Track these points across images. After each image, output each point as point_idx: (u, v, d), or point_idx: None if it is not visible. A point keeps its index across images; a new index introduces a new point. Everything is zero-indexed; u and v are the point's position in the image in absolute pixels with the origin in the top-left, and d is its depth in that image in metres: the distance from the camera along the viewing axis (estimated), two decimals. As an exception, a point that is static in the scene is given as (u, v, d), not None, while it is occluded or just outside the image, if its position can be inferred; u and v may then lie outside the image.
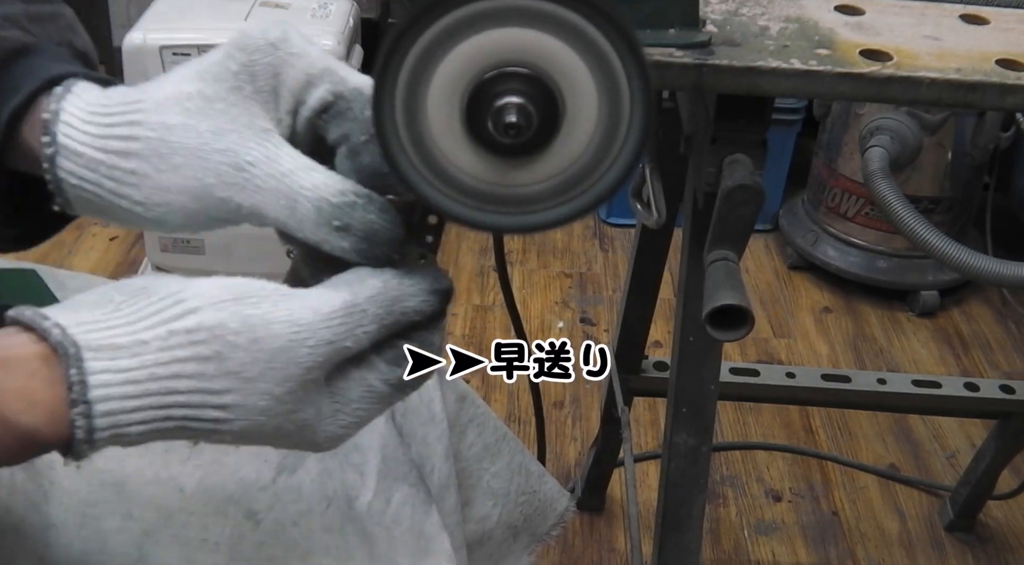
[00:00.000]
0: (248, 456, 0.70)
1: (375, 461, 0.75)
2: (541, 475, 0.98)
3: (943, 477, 1.84)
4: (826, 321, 2.23)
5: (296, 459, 0.71)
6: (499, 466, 0.92)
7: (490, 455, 0.91)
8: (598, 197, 0.52)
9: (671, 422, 0.97)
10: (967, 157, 2.11)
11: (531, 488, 0.96)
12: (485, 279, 2.27)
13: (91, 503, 0.65)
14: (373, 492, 0.73)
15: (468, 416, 0.89)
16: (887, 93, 0.77)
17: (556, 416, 1.92)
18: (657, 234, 1.28)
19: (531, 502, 0.96)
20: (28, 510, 0.63)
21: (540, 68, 0.48)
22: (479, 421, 0.90)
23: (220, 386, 0.47)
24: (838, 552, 1.70)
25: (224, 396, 0.47)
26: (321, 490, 0.71)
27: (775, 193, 2.40)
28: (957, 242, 1.71)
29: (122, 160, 0.52)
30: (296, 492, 0.70)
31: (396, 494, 0.74)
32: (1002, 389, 1.51)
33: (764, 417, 1.95)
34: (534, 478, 0.96)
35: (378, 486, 0.74)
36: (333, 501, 0.71)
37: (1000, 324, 2.25)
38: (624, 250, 2.41)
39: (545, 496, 0.98)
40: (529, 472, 0.96)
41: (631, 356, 1.46)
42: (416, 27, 0.48)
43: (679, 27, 0.76)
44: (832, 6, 0.85)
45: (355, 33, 2.06)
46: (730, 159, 0.81)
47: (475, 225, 0.52)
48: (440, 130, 0.50)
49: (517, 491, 0.94)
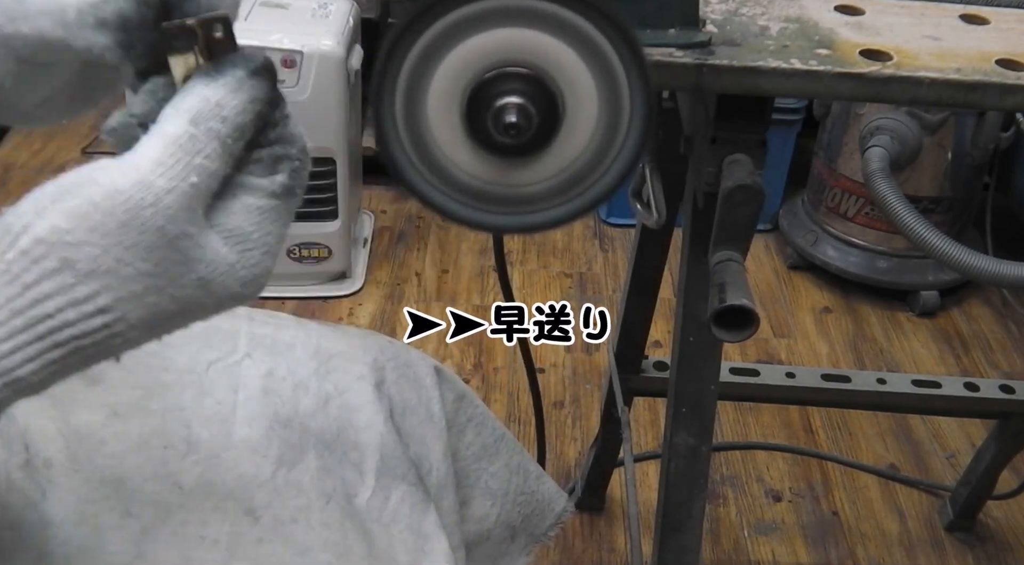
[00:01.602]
0: (247, 451, 0.70)
1: (373, 459, 0.75)
2: (539, 476, 0.98)
3: (943, 477, 1.84)
4: (826, 321, 2.23)
5: (295, 454, 0.72)
6: (497, 466, 0.92)
7: (488, 455, 0.91)
8: (598, 197, 0.52)
9: (671, 422, 0.97)
10: (967, 157, 2.11)
11: (529, 488, 0.96)
12: (485, 279, 2.27)
13: (89, 501, 0.65)
14: (372, 490, 0.73)
15: (467, 416, 0.89)
16: (887, 93, 0.77)
17: (556, 416, 1.92)
18: (657, 234, 1.28)
19: (529, 502, 0.96)
20: (25, 508, 0.63)
21: (540, 68, 0.49)
22: (478, 421, 0.90)
23: (86, 291, 0.43)
24: (838, 552, 1.70)
25: (97, 299, 0.43)
26: (320, 486, 0.71)
27: (775, 193, 2.40)
28: (957, 242, 1.71)
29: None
30: (295, 488, 0.70)
31: (394, 492, 0.74)
32: (1002, 389, 1.51)
33: (764, 417, 1.95)
34: (532, 478, 0.97)
35: (376, 484, 0.74)
36: (332, 497, 0.71)
37: (1000, 324, 2.25)
38: (624, 250, 2.41)
39: (543, 496, 0.98)
40: (527, 472, 0.96)
41: (631, 356, 1.46)
42: (416, 27, 0.48)
43: (679, 27, 0.76)
44: (832, 6, 0.85)
45: (355, 33, 2.06)
46: (730, 159, 0.81)
47: (475, 225, 0.52)
48: (440, 130, 0.50)
49: (515, 491, 0.94)
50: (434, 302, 2.20)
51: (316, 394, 0.76)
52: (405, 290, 2.23)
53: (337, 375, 0.78)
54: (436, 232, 2.41)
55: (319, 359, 0.79)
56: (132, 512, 0.65)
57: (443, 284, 2.25)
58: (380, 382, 0.80)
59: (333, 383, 0.78)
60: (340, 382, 0.78)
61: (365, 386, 0.79)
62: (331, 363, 0.79)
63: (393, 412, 0.79)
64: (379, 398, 0.79)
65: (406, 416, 0.80)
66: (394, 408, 0.80)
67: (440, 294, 2.23)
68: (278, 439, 0.72)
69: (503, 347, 2.08)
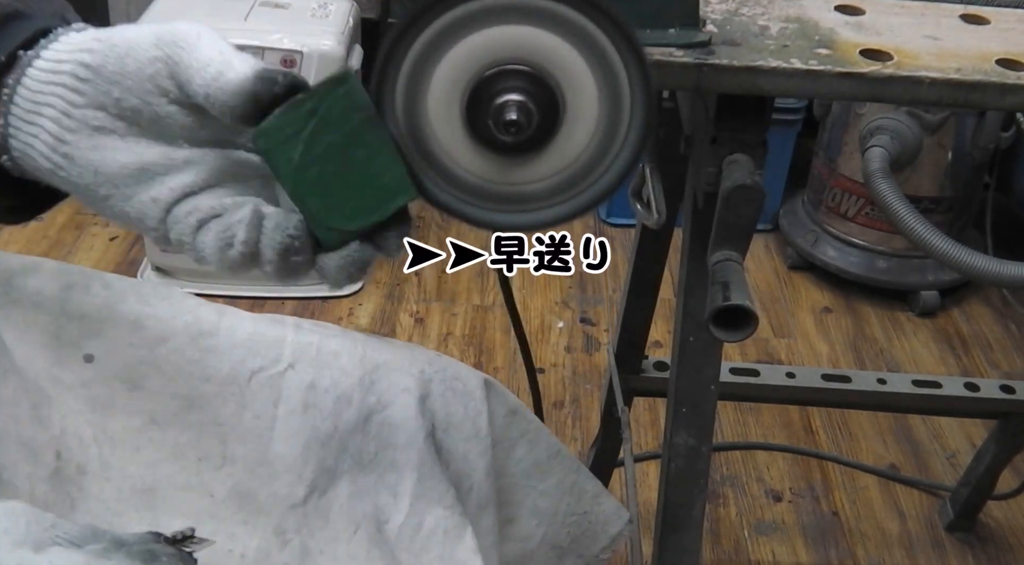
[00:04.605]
0: (282, 469, 0.70)
1: (410, 481, 0.74)
2: (596, 495, 0.95)
3: (943, 477, 1.84)
4: (826, 321, 2.23)
5: (328, 479, 0.71)
6: (548, 484, 0.89)
7: (540, 472, 0.88)
8: (598, 196, 0.52)
9: (671, 422, 0.97)
10: (967, 157, 2.11)
11: (582, 509, 0.93)
12: (485, 279, 2.27)
13: (118, 511, 0.65)
14: (405, 514, 0.72)
15: (519, 431, 0.86)
16: (887, 93, 0.77)
17: (556, 416, 1.92)
18: (657, 234, 1.28)
19: (580, 523, 0.93)
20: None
21: (541, 66, 0.49)
22: (531, 437, 0.87)
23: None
24: (838, 552, 1.70)
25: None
26: (350, 514, 0.70)
27: (775, 193, 2.40)
28: (957, 242, 1.70)
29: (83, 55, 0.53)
30: (324, 517, 0.69)
31: (428, 517, 0.73)
32: (1002, 389, 1.51)
33: (764, 417, 1.95)
34: (587, 498, 0.93)
35: (411, 508, 0.73)
36: (361, 525, 0.70)
37: (1000, 324, 2.25)
38: (624, 250, 2.41)
39: (597, 517, 0.95)
40: (582, 492, 0.93)
41: (631, 356, 1.46)
42: (417, 25, 0.48)
43: (679, 27, 0.76)
44: (832, 6, 0.85)
45: (355, 33, 2.06)
46: (730, 159, 0.81)
47: (475, 222, 0.52)
48: (441, 128, 0.50)
49: (566, 511, 0.91)
50: (434, 302, 2.20)
51: (358, 408, 0.74)
52: (405, 290, 2.23)
53: (381, 386, 0.76)
54: (436, 232, 2.41)
55: (364, 368, 0.76)
56: (162, 522, 0.65)
57: (443, 284, 2.25)
58: (425, 396, 0.78)
59: (377, 395, 0.76)
60: (384, 395, 0.76)
61: (409, 400, 0.76)
62: (376, 373, 0.77)
63: (436, 428, 0.77)
64: (422, 413, 0.77)
65: (449, 432, 0.78)
66: (437, 424, 0.78)
67: (440, 294, 2.23)
68: (315, 459, 0.71)
69: (503, 347, 2.08)
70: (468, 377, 0.82)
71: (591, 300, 2.25)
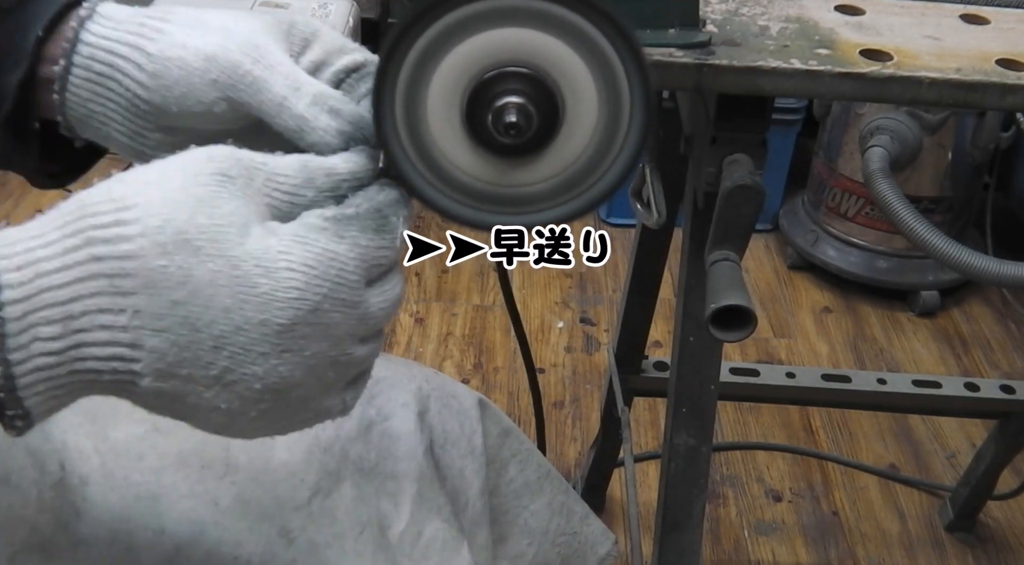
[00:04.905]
0: (285, 475, 0.70)
1: (410, 491, 0.74)
2: (585, 517, 0.96)
3: (943, 477, 1.84)
4: (826, 321, 2.23)
5: (332, 482, 0.71)
6: (539, 504, 0.90)
7: (530, 492, 0.89)
8: (598, 197, 0.52)
9: (671, 422, 0.97)
10: (967, 157, 2.11)
11: (571, 529, 0.93)
12: (485, 279, 2.27)
13: (124, 518, 0.64)
14: (406, 523, 0.72)
15: (511, 451, 0.87)
16: (887, 93, 0.77)
17: (556, 416, 1.92)
18: (657, 234, 1.28)
19: (570, 543, 0.94)
20: (55, 530, 0.63)
21: (540, 68, 0.49)
22: (522, 457, 0.88)
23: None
24: (838, 552, 1.70)
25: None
26: (355, 515, 0.70)
27: (775, 193, 2.40)
28: (957, 242, 1.70)
29: (154, 20, 0.53)
30: (330, 515, 0.69)
31: (428, 527, 0.73)
32: (1002, 389, 1.51)
33: (764, 417, 1.95)
34: (576, 519, 0.94)
35: (411, 517, 0.73)
36: (367, 527, 0.70)
37: (1000, 324, 2.25)
38: (624, 250, 2.41)
39: (586, 538, 0.95)
40: (571, 513, 0.94)
41: (631, 356, 1.46)
42: (416, 27, 0.48)
43: (679, 27, 0.76)
44: (832, 6, 0.85)
45: (355, 33, 2.06)
46: (730, 159, 0.81)
47: (475, 225, 0.52)
48: (440, 130, 0.50)
49: (556, 531, 0.92)
50: (434, 302, 2.20)
51: (359, 419, 0.74)
52: (405, 290, 2.23)
53: (381, 400, 0.77)
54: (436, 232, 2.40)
55: None
56: (166, 530, 0.65)
57: (443, 283, 2.25)
58: (423, 412, 0.78)
59: (377, 408, 0.76)
60: (384, 408, 0.76)
61: (408, 414, 0.77)
62: (375, 388, 0.77)
63: (434, 443, 0.78)
64: (421, 428, 0.77)
65: (446, 448, 0.79)
66: (435, 439, 0.78)
67: (440, 293, 2.23)
68: (317, 464, 0.71)
69: (503, 347, 2.08)
70: (464, 396, 0.83)
71: (591, 300, 2.25)
